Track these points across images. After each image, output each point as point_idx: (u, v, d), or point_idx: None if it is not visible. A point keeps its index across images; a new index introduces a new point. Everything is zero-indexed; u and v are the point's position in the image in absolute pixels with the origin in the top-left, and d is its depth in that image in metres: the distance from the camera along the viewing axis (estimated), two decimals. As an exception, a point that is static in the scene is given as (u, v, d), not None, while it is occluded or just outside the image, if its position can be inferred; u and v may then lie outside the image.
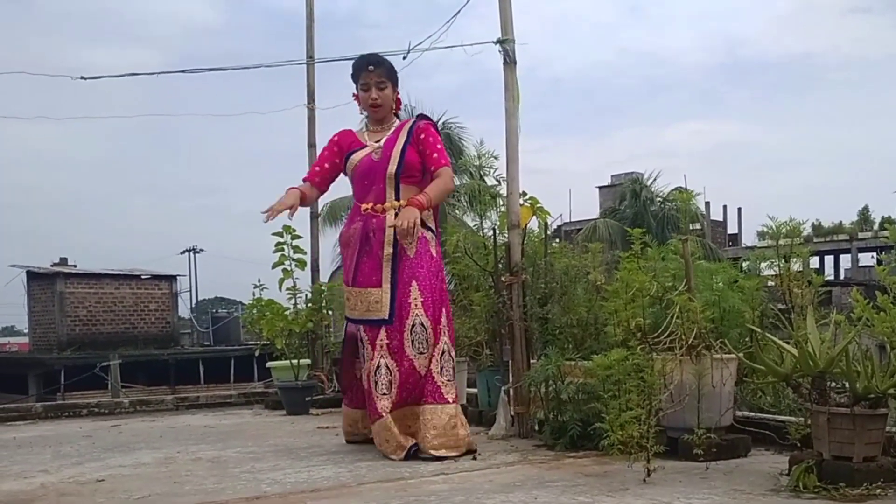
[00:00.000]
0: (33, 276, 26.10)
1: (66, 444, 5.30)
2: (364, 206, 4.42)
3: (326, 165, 4.64)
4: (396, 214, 4.29)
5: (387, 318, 4.28)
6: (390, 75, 4.55)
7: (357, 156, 4.50)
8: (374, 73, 4.48)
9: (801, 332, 3.56)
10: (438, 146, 4.47)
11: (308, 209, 8.22)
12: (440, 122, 24.19)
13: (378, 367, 4.28)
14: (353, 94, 4.62)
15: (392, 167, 4.38)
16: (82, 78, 7.18)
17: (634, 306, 3.87)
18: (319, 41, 8.19)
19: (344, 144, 4.60)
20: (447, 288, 4.63)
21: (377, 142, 4.50)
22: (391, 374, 4.28)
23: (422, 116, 4.66)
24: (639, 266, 4.07)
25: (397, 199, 4.39)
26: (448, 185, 4.47)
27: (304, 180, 4.65)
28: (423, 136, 4.45)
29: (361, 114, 4.73)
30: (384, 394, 4.27)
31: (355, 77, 4.55)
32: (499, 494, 3.35)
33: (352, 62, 4.59)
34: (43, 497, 3.67)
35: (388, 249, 4.31)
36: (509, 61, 4.90)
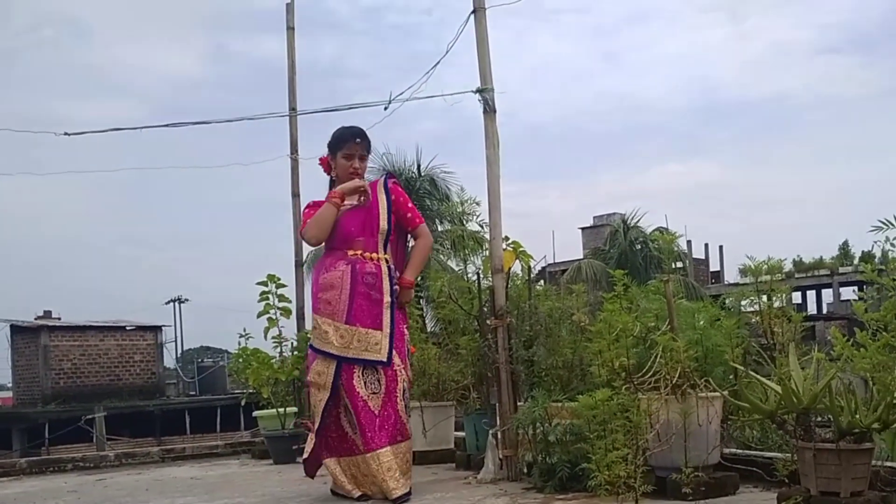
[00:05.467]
0: (17, 330, 25.94)
1: (51, 500, 5.25)
2: (353, 251, 4.58)
3: None
4: (389, 267, 4.61)
5: (385, 360, 4.46)
6: (369, 149, 4.84)
7: (349, 204, 4.64)
8: (360, 144, 4.73)
9: (784, 370, 3.59)
10: (410, 205, 4.83)
11: (293, 257, 8.27)
12: (428, 167, 24.30)
13: (404, 390, 4.52)
14: (322, 159, 4.82)
15: (384, 223, 4.64)
16: (66, 134, 7.22)
17: (618, 346, 3.90)
18: (302, 91, 8.30)
19: None
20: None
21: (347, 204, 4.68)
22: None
23: (390, 175, 4.93)
24: (622, 306, 4.10)
25: (385, 252, 4.66)
26: (427, 244, 4.86)
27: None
28: (394, 197, 4.74)
29: (332, 176, 4.81)
30: (408, 416, 4.60)
31: (339, 146, 4.73)
32: (488, 539, 3.34)
33: (335, 132, 4.78)
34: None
35: (388, 298, 4.54)
36: (489, 110, 4.97)
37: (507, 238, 5.06)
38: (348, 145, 4.72)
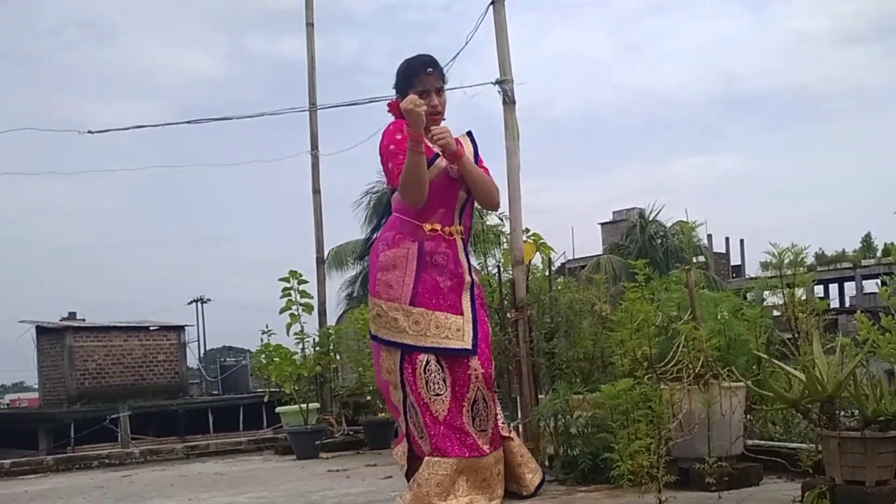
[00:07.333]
0: (42, 331, 26.23)
1: (77, 496, 5.30)
2: (430, 225, 3.83)
3: None
4: (464, 240, 3.94)
5: (470, 347, 3.74)
6: (445, 79, 3.97)
7: (435, 167, 3.81)
8: (432, 76, 3.86)
9: (808, 357, 3.56)
10: (484, 165, 4.08)
11: (314, 255, 8.29)
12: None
13: (475, 400, 3.76)
14: (392, 104, 3.95)
15: (463, 191, 3.90)
16: (89, 132, 7.33)
17: (640, 336, 3.88)
18: (322, 89, 8.35)
19: None
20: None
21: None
22: (489, 409, 3.80)
23: (469, 133, 4.13)
24: (643, 296, 4.09)
25: (460, 223, 3.95)
26: (492, 181, 4.01)
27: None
28: (477, 158, 4.02)
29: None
30: (483, 430, 3.77)
31: (408, 83, 3.86)
32: (511, 530, 3.34)
33: (399, 68, 3.94)
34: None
35: (468, 277, 3.86)
36: (508, 101, 4.97)
37: (527, 230, 5.06)
38: (419, 79, 3.84)
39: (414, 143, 3.62)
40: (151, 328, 27.44)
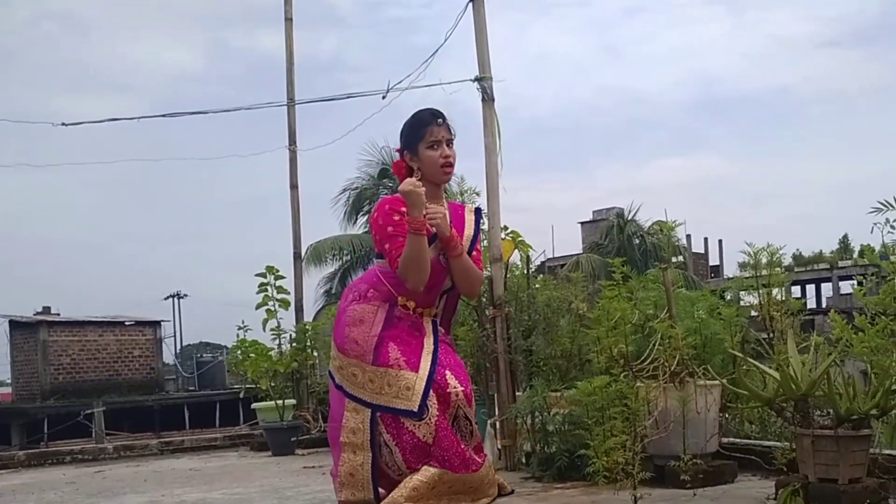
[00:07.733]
0: (16, 326, 25.93)
1: (49, 491, 5.25)
2: (403, 300, 3.69)
3: None
4: (433, 321, 3.78)
5: (416, 409, 3.51)
6: (453, 131, 3.77)
7: (433, 247, 3.66)
8: (443, 126, 3.70)
9: (783, 357, 3.58)
10: (479, 245, 3.92)
11: (292, 250, 8.27)
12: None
13: (456, 416, 3.63)
14: (398, 164, 3.82)
15: (449, 281, 3.76)
16: (63, 124, 7.27)
17: (617, 333, 3.90)
18: (303, 86, 8.33)
19: None
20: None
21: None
22: (471, 426, 3.68)
23: (479, 210, 4.00)
24: (620, 294, 4.10)
25: (437, 306, 3.81)
26: (478, 276, 3.86)
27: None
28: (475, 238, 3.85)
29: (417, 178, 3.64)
30: (467, 445, 3.67)
31: (419, 135, 3.69)
32: (487, 527, 3.34)
33: (406, 123, 3.78)
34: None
35: (430, 346, 3.69)
36: (487, 98, 4.97)
37: (505, 228, 5.05)
38: (430, 130, 3.67)
39: (415, 228, 3.50)
40: (127, 323, 27.21)
